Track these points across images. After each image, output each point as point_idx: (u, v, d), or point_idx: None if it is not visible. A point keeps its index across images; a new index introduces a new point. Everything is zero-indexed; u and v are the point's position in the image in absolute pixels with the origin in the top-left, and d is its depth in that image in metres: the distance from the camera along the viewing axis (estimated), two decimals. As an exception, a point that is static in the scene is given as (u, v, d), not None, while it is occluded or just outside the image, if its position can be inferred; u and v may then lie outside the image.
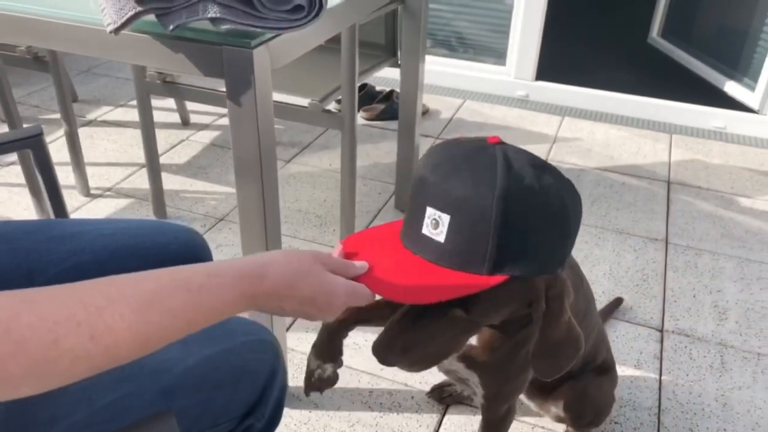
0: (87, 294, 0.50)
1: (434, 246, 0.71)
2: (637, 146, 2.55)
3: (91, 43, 1.08)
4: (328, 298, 0.66)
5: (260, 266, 0.63)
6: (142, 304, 0.52)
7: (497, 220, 0.68)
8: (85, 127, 2.54)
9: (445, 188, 0.70)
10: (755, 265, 1.89)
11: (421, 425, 1.37)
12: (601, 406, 1.23)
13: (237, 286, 0.60)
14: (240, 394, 0.79)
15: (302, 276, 0.65)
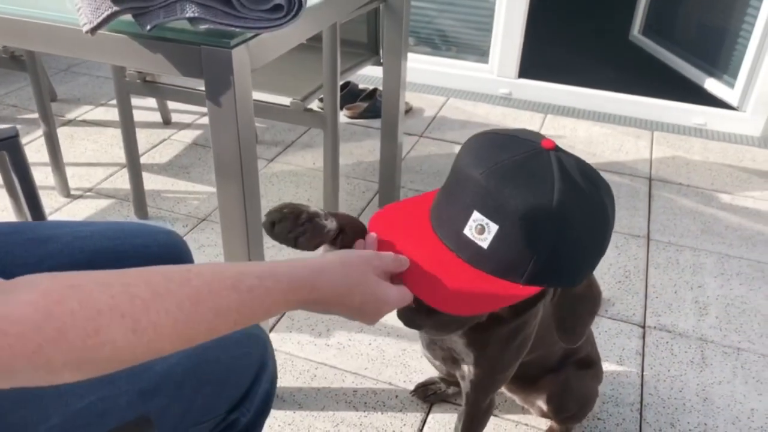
0: (134, 284, 0.49)
1: (475, 249, 0.69)
2: (620, 143, 2.57)
3: (68, 43, 1.07)
4: (375, 307, 0.66)
5: (314, 274, 0.61)
6: (189, 301, 0.51)
7: (547, 239, 0.67)
8: (64, 127, 2.51)
9: (498, 198, 0.67)
10: (735, 261, 1.91)
11: (406, 424, 1.37)
12: (583, 398, 1.24)
13: (286, 293, 0.59)
14: (226, 389, 0.78)
15: (354, 286, 0.64)
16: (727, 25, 2.82)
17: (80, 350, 0.45)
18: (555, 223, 0.67)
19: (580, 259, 0.71)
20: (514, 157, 0.69)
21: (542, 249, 0.67)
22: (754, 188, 2.30)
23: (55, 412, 0.66)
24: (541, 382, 1.20)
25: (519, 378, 1.22)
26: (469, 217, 0.69)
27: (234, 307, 0.55)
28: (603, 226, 0.71)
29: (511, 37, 2.82)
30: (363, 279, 0.65)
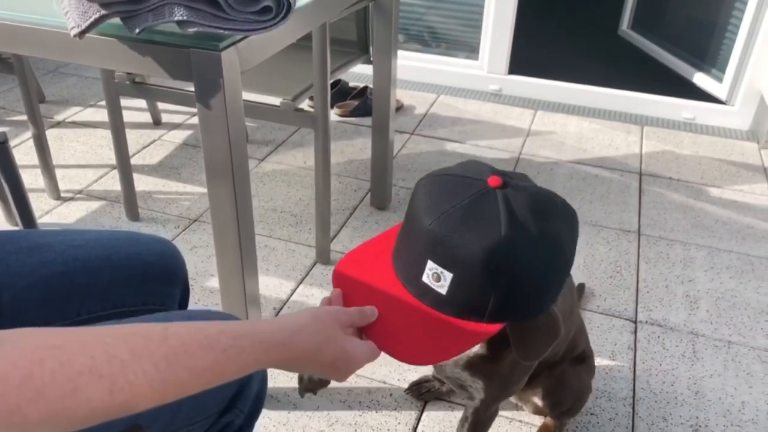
0: (114, 345, 0.50)
1: (434, 295, 0.71)
2: (610, 138, 2.58)
3: (56, 46, 1.06)
4: (347, 364, 0.68)
5: (289, 334, 0.63)
6: (165, 361, 0.52)
7: (501, 279, 0.69)
8: (53, 129, 2.49)
9: (449, 246, 0.69)
10: (725, 254, 1.93)
11: (400, 422, 1.38)
12: (578, 392, 1.25)
13: (259, 353, 0.61)
14: (216, 390, 0.77)
15: (324, 343, 0.66)
16: (715, 20, 2.84)
17: (57, 409, 0.46)
18: (506, 263, 0.68)
19: (537, 292, 0.73)
20: (462, 201, 0.71)
21: (497, 289, 0.69)
22: (743, 182, 2.31)
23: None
24: (538, 378, 1.21)
25: None
26: (425, 265, 0.71)
27: (208, 367, 0.56)
28: (557, 257, 0.72)
29: (500, 33, 2.82)
30: (332, 335, 0.67)
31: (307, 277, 1.78)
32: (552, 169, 2.35)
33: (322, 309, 0.69)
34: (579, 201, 2.16)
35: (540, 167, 2.35)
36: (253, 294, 1.29)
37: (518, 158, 2.41)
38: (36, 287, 0.79)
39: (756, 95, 2.62)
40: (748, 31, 2.55)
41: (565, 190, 2.22)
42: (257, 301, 1.32)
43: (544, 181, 2.27)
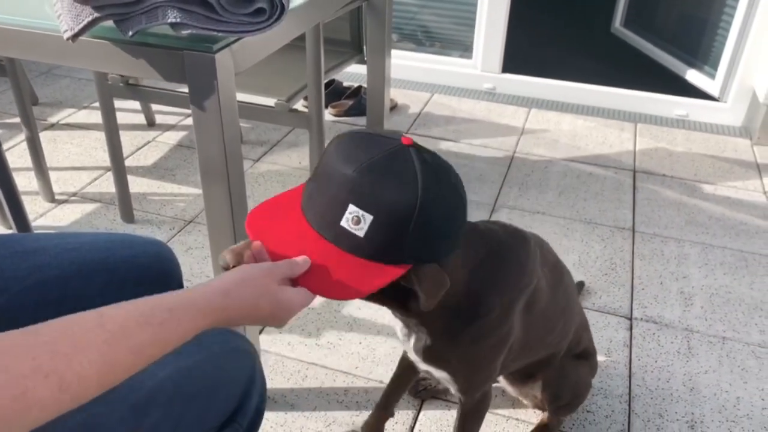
0: (53, 341, 0.50)
1: (352, 239, 0.76)
2: (603, 136, 2.59)
3: (49, 49, 1.06)
4: (285, 313, 0.72)
5: (223, 298, 0.66)
6: (107, 346, 0.53)
7: (417, 222, 0.76)
8: (47, 131, 2.49)
9: (372, 192, 0.75)
10: (718, 251, 1.94)
11: (398, 422, 1.38)
12: (577, 387, 1.26)
13: (196, 320, 0.62)
14: (216, 404, 0.78)
15: (259, 299, 0.69)
16: (707, 17, 2.85)
17: (9, 415, 0.46)
18: (421, 207, 0.75)
19: (444, 234, 0.80)
20: (381, 154, 0.78)
21: (413, 231, 0.76)
22: (736, 178, 2.33)
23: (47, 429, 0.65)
24: (537, 372, 1.22)
25: (519, 372, 1.24)
26: (345, 210, 0.76)
27: (148, 343, 0.57)
28: (459, 204, 0.81)
29: (494, 31, 2.83)
30: (266, 290, 0.70)
31: (302, 277, 1.78)
32: (546, 167, 2.36)
33: (253, 268, 0.71)
34: (573, 199, 2.17)
35: (534, 165, 2.36)
36: (249, 295, 1.29)
37: (512, 156, 2.41)
38: (31, 291, 0.79)
39: (748, 91, 2.63)
40: (740, 28, 2.56)
41: (560, 188, 2.23)
42: (253, 303, 1.32)
43: (539, 179, 2.28)
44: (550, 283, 1.05)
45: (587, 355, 1.28)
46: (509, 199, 2.15)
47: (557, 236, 1.98)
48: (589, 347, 1.28)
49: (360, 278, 0.77)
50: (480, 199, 2.15)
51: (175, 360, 0.76)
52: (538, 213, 2.09)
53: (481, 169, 2.32)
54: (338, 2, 1.47)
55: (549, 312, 1.07)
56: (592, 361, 1.29)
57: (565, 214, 2.09)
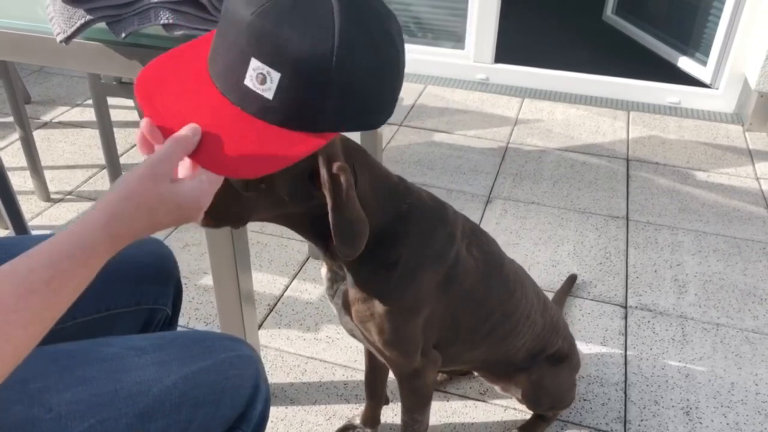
0: None
1: (260, 101, 0.63)
2: (596, 125, 2.60)
3: (42, 52, 1.06)
4: (190, 211, 0.63)
5: (106, 227, 0.58)
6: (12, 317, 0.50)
7: (334, 77, 0.61)
8: (40, 129, 2.48)
9: (275, 42, 0.60)
10: (712, 238, 1.95)
11: (396, 413, 1.39)
12: (559, 393, 1.25)
13: (87, 262, 0.56)
14: (221, 411, 0.79)
15: (154, 211, 0.60)
16: (698, 3, 2.85)
17: None
18: (339, 60, 0.60)
19: (374, 94, 0.66)
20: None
21: (330, 91, 0.62)
22: (729, 164, 2.34)
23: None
24: (515, 377, 1.21)
25: (492, 371, 1.23)
26: (248, 65, 0.62)
27: (40, 308, 0.53)
28: (394, 57, 0.66)
29: (486, 21, 2.83)
30: (159, 199, 0.60)
31: (300, 272, 1.79)
32: (540, 157, 2.37)
33: (130, 178, 0.60)
34: (567, 188, 2.18)
35: (528, 155, 2.37)
36: (247, 291, 1.30)
37: (506, 147, 2.42)
38: None
39: (740, 78, 2.64)
40: (730, 14, 2.57)
41: (554, 178, 2.24)
42: (252, 298, 1.33)
43: (533, 169, 2.29)
44: (481, 269, 1.01)
45: (564, 357, 1.24)
46: (504, 190, 2.16)
47: (552, 226, 1.99)
48: (563, 347, 1.23)
49: (271, 149, 0.63)
50: (474, 190, 2.16)
51: (180, 367, 0.76)
52: (533, 203, 2.10)
53: (476, 160, 2.33)
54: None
55: (478, 297, 1.02)
56: (572, 360, 1.26)
57: (559, 204, 2.10)
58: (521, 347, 1.16)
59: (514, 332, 1.12)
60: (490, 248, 1.06)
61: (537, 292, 1.18)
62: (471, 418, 1.39)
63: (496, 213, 2.05)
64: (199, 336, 0.83)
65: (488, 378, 1.29)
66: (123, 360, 0.73)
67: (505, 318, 1.09)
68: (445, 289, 0.98)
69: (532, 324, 1.15)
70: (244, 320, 1.30)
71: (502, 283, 1.07)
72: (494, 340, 1.11)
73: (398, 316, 0.95)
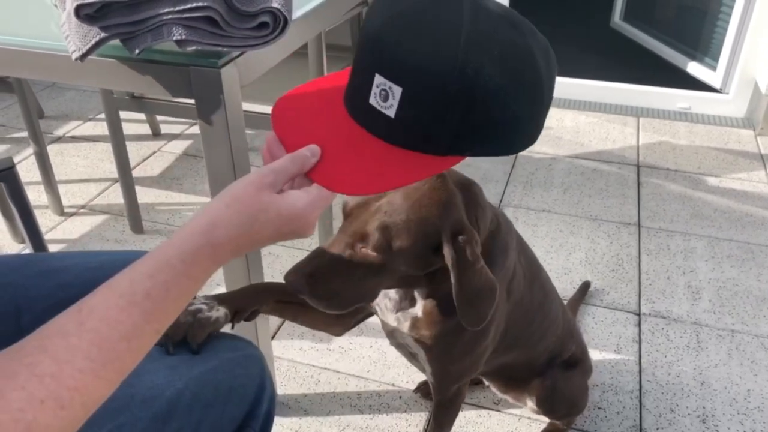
0: (37, 362, 0.47)
1: (383, 120, 0.59)
2: (606, 131, 2.59)
3: (57, 69, 1.07)
4: (293, 225, 0.60)
5: (205, 235, 0.56)
6: (94, 346, 0.49)
7: (458, 94, 0.56)
8: (54, 144, 2.51)
9: (397, 53, 0.57)
10: (725, 243, 1.94)
11: (411, 424, 1.39)
12: (573, 398, 1.25)
13: (188, 272, 0.55)
14: (230, 409, 0.80)
15: (254, 219, 0.58)
16: (706, 8, 2.85)
17: None
18: (464, 75, 0.56)
19: (505, 116, 0.60)
20: (418, 2, 0.58)
21: (454, 107, 0.57)
22: (741, 170, 2.33)
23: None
24: (530, 384, 1.22)
25: (507, 378, 1.24)
26: (372, 82, 0.59)
27: (141, 321, 0.51)
28: (532, 76, 0.60)
29: (494, 31, 2.83)
30: (260, 207, 0.58)
31: (312, 282, 1.80)
32: (550, 164, 2.37)
33: (238, 185, 0.59)
34: (578, 196, 2.18)
35: (538, 163, 2.37)
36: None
37: (516, 155, 2.42)
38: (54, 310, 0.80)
39: (750, 82, 2.63)
40: (740, 18, 2.57)
41: (564, 185, 2.24)
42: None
43: (543, 177, 2.29)
44: (527, 275, 1.03)
45: (577, 361, 1.25)
46: (514, 198, 2.16)
47: (563, 234, 1.99)
48: (576, 352, 1.25)
49: (389, 170, 0.60)
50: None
51: (189, 369, 0.78)
52: (544, 211, 2.10)
53: (485, 168, 2.33)
54: (339, 11, 1.48)
55: (526, 302, 1.04)
56: (584, 364, 1.28)
57: (570, 211, 2.10)
58: (545, 349, 1.17)
59: (547, 333, 1.14)
60: (529, 253, 1.08)
61: (557, 293, 1.21)
62: (485, 428, 1.38)
63: (507, 221, 2.05)
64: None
65: (500, 388, 1.28)
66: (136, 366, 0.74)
67: (543, 319, 1.11)
68: (506, 301, 0.99)
69: (559, 325, 1.17)
70: (257, 331, 1.31)
71: (541, 287, 1.09)
72: (530, 342, 1.12)
73: (472, 343, 0.96)
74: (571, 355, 1.23)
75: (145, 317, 0.52)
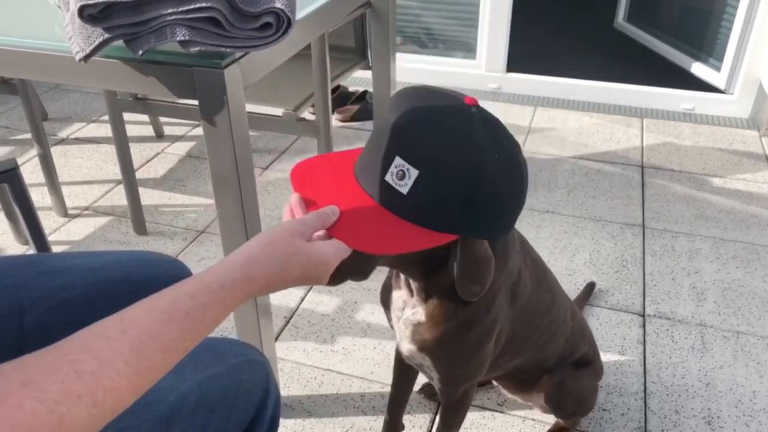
0: (79, 360, 0.50)
1: (396, 195, 0.71)
2: (610, 132, 2.59)
3: (60, 70, 1.07)
4: (318, 270, 0.68)
5: (245, 268, 0.63)
6: (133, 353, 0.52)
7: (466, 187, 0.70)
8: (57, 146, 2.51)
9: (420, 143, 0.70)
10: (730, 244, 1.93)
11: (414, 425, 1.39)
12: (581, 397, 1.25)
13: (224, 299, 0.60)
14: (235, 415, 0.80)
15: (287, 260, 0.65)
16: (711, 8, 2.84)
17: None
18: (471, 170, 0.69)
19: (494, 209, 0.74)
20: (439, 108, 0.72)
21: (458, 195, 0.70)
22: (745, 170, 2.32)
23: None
24: (540, 383, 1.22)
25: (517, 380, 1.23)
26: (391, 163, 0.71)
27: (177, 338, 0.56)
28: (518, 181, 0.75)
29: (497, 31, 2.83)
30: (293, 250, 0.66)
31: (315, 284, 1.80)
32: (554, 165, 2.36)
33: (276, 230, 0.68)
34: (582, 197, 2.17)
35: (542, 164, 2.36)
36: (263, 303, 1.30)
37: (520, 156, 2.42)
38: (58, 311, 0.81)
39: (755, 83, 2.62)
40: (744, 18, 2.56)
41: (568, 186, 2.23)
42: (268, 311, 1.33)
43: (547, 178, 2.28)
44: (533, 278, 1.04)
45: (587, 362, 1.25)
46: (518, 199, 2.16)
47: (567, 235, 1.98)
48: (588, 353, 1.25)
49: (397, 237, 0.71)
50: (489, 199, 2.15)
51: (194, 374, 0.78)
52: (548, 212, 2.09)
53: (489, 169, 2.33)
54: (342, 12, 1.48)
55: (533, 306, 1.05)
56: (595, 366, 1.28)
57: (574, 212, 2.09)
58: (554, 351, 1.17)
59: (555, 336, 1.14)
60: (534, 255, 1.08)
61: (565, 295, 1.20)
62: (489, 429, 1.38)
63: (510, 222, 2.04)
64: (211, 343, 0.84)
65: (509, 389, 1.28)
66: None
67: (551, 323, 1.11)
68: (511, 306, 0.99)
69: (567, 327, 1.17)
70: (261, 332, 1.30)
71: (548, 290, 1.09)
72: (538, 345, 1.12)
73: (476, 345, 0.97)
74: (583, 355, 1.23)
75: (182, 334, 0.56)
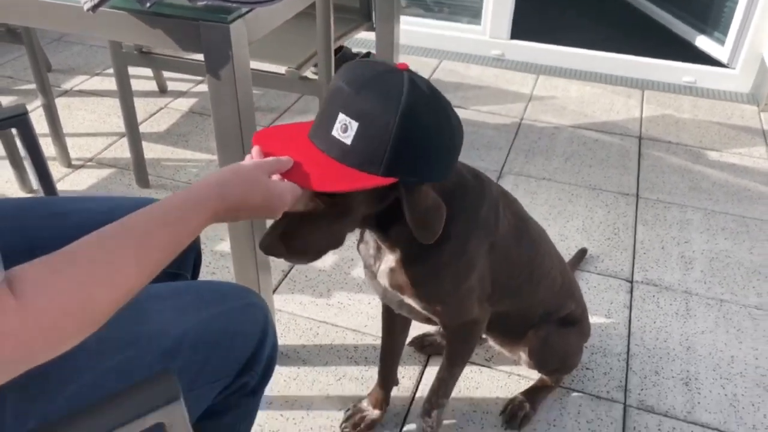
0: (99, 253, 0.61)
1: (340, 146, 0.83)
2: (611, 103, 2.60)
3: (68, 19, 1.10)
4: (275, 201, 0.78)
5: (219, 187, 0.73)
6: (141, 249, 0.64)
7: (396, 133, 0.81)
8: (61, 98, 2.53)
9: (358, 100, 0.82)
10: (720, 216, 1.97)
11: (404, 376, 1.45)
12: (564, 355, 1.30)
13: (201, 213, 0.70)
14: (234, 352, 0.85)
15: (251, 188, 0.75)
16: (718, -19, 2.83)
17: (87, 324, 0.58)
18: (401, 120, 0.81)
19: (424, 155, 0.85)
20: (374, 72, 0.84)
21: (394, 142, 0.82)
22: (742, 145, 2.35)
23: (87, 369, 0.72)
24: (526, 337, 1.27)
25: (503, 331, 1.28)
26: (336, 119, 0.83)
27: (169, 241, 0.66)
28: (447, 127, 0.86)
29: (503, -3, 2.82)
30: (256, 180, 0.76)
31: (313, 240, 1.84)
32: (553, 133, 2.38)
33: (241, 163, 0.79)
34: (579, 165, 2.20)
35: (541, 132, 2.39)
36: (263, 257, 1.35)
37: (520, 123, 2.44)
38: None
39: (757, 58, 2.63)
40: (750, -7, 2.55)
41: (566, 154, 2.26)
42: (267, 265, 1.38)
43: (546, 145, 2.31)
44: (514, 228, 1.10)
45: (574, 321, 1.29)
46: (516, 166, 2.19)
47: (562, 202, 2.02)
48: (576, 312, 1.29)
49: (342, 179, 0.83)
50: (487, 165, 2.19)
51: (197, 312, 0.83)
52: (544, 179, 2.13)
53: (489, 135, 2.35)
54: (348, -30, 1.49)
55: (512, 257, 1.11)
56: (582, 326, 1.32)
57: (570, 180, 2.13)
58: (539, 303, 1.23)
59: (539, 287, 1.19)
60: (518, 210, 1.14)
61: (556, 253, 1.26)
62: (476, 383, 1.44)
63: (507, 188, 2.08)
64: (213, 285, 0.89)
65: (497, 340, 1.33)
66: (144, 305, 0.78)
67: (532, 274, 1.17)
68: (489, 253, 1.06)
69: (552, 281, 1.22)
70: (259, 285, 1.35)
71: (530, 243, 1.15)
72: (521, 293, 1.18)
73: (455, 281, 1.04)
74: (569, 314, 1.28)
75: (171, 238, 0.66)
